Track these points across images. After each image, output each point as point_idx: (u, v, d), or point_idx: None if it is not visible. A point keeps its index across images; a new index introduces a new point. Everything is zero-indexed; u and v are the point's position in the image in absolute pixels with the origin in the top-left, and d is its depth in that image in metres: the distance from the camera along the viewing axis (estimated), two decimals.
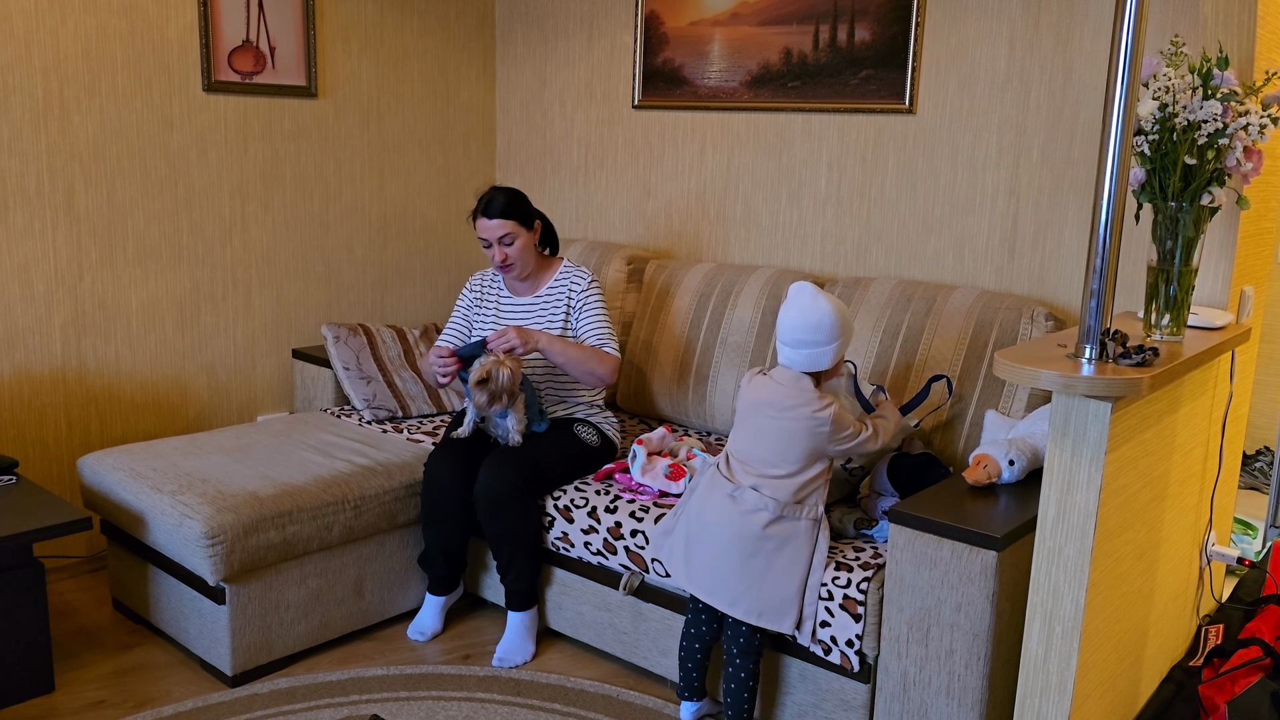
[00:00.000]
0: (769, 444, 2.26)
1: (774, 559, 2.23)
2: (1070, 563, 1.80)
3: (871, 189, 3.16)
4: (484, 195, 2.84)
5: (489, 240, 2.82)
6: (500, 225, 2.80)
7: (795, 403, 2.24)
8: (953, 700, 2.07)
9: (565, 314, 2.90)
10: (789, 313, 2.28)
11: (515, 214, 2.82)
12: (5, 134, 2.89)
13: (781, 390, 2.28)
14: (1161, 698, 2.31)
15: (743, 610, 2.23)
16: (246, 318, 3.49)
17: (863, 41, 3.09)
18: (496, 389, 2.63)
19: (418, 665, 2.68)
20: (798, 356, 2.27)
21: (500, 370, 2.62)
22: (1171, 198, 2.02)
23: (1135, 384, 1.68)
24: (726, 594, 2.25)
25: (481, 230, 2.82)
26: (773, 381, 2.31)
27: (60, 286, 3.06)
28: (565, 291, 2.91)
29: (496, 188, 2.85)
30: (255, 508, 2.52)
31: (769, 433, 2.26)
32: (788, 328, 2.27)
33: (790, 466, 2.24)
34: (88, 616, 2.90)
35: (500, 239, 2.81)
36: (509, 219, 2.81)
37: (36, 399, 3.05)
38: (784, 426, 2.25)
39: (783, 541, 2.23)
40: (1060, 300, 2.84)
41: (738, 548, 2.24)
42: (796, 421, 2.23)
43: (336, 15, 3.56)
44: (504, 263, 2.84)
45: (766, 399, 2.29)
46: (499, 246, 2.82)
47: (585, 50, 3.79)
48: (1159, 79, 1.99)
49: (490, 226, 2.80)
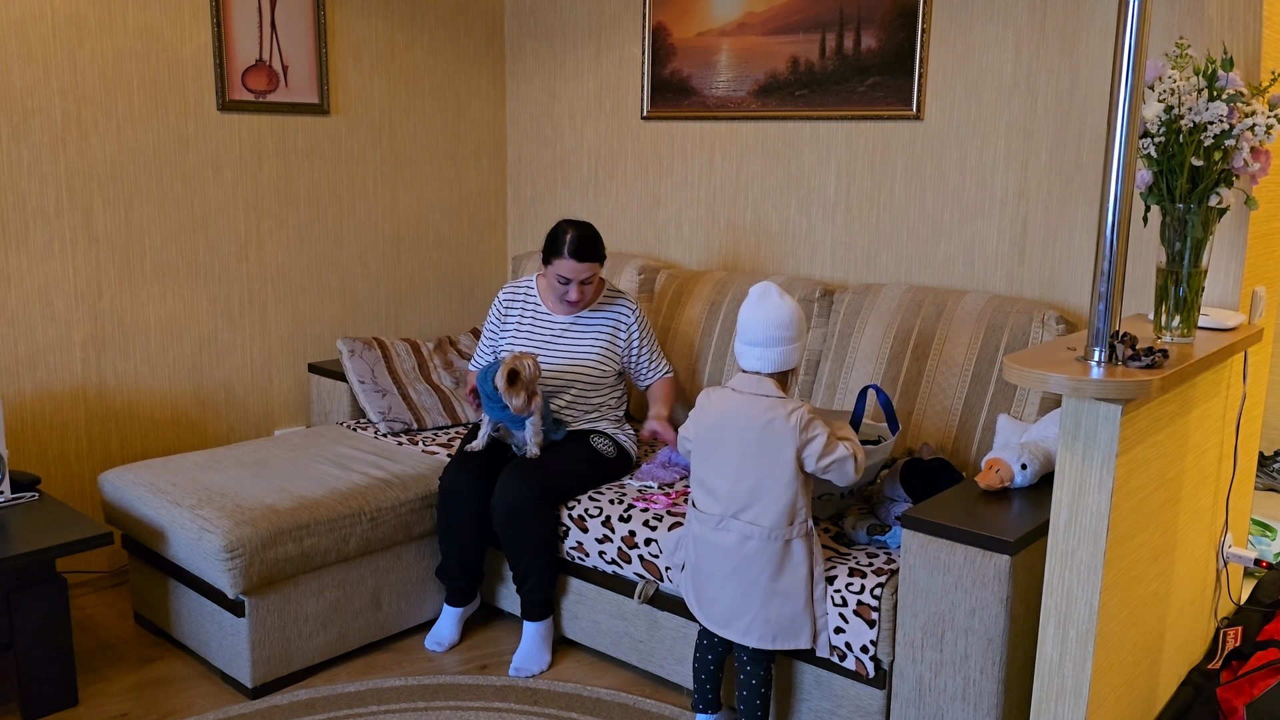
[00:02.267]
0: (750, 471, 2.18)
1: (776, 583, 2.20)
2: (1084, 566, 1.80)
3: (880, 195, 3.16)
4: (563, 232, 2.78)
5: (570, 279, 2.79)
6: (589, 268, 2.79)
7: (769, 414, 2.16)
8: (968, 705, 2.07)
9: (609, 342, 2.92)
10: (761, 311, 2.21)
11: (600, 255, 2.82)
12: (25, 156, 2.94)
13: (748, 401, 2.20)
14: (1179, 701, 2.30)
15: (756, 637, 2.23)
16: (263, 333, 3.53)
17: (869, 49, 3.10)
18: (528, 378, 2.61)
19: (436, 675, 2.70)
20: (773, 355, 2.21)
21: (524, 363, 2.63)
22: (1179, 199, 2.02)
23: (1145, 386, 1.68)
24: (738, 625, 2.24)
25: (567, 270, 2.77)
26: (736, 393, 2.23)
27: (80, 305, 3.10)
28: (614, 323, 2.94)
29: (574, 223, 2.80)
30: (273, 521, 2.54)
31: (747, 456, 2.18)
32: (762, 326, 2.20)
33: (777, 487, 2.17)
34: (110, 630, 2.93)
35: (583, 280, 2.81)
36: (596, 262, 2.81)
37: (58, 416, 3.09)
38: (762, 443, 2.16)
39: (780, 563, 2.20)
40: (1071, 304, 2.84)
41: (737, 579, 2.22)
42: (776, 435, 2.15)
43: (348, 33, 3.60)
44: (577, 300, 2.84)
45: (734, 412, 2.20)
46: (579, 286, 2.81)
47: (594, 63, 3.82)
48: (1164, 81, 1.99)
49: (579, 269, 2.77)
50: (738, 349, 2.26)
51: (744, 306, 2.25)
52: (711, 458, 2.25)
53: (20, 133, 2.92)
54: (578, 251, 2.77)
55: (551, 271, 2.82)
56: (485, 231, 4.15)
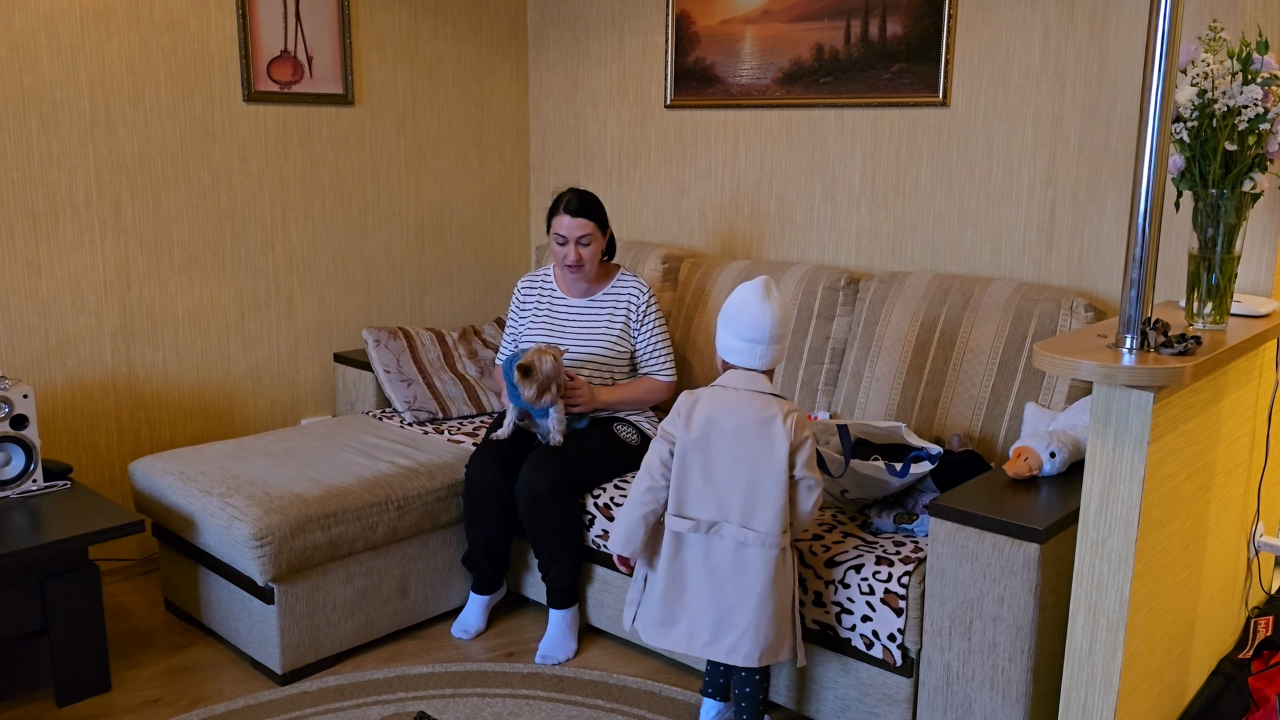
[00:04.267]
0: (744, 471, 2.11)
1: (770, 593, 2.13)
2: (1114, 555, 1.79)
3: (906, 183, 3.15)
4: (564, 194, 2.89)
5: (566, 238, 2.86)
6: (583, 225, 2.85)
7: (767, 411, 2.12)
8: (996, 694, 2.06)
9: (623, 323, 2.95)
10: (766, 307, 2.15)
11: (596, 216, 2.89)
12: (55, 148, 2.96)
13: (743, 398, 2.14)
14: (1210, 690, 2.28)
15: (743, 655, 2.14)
16: (289, 323, 3.55)
17: (895, 35, 3.08)
18: (543, 379, 2.64)
19: (462, 663, 2.71)
20: (771, 352, 2.17)
21: (542, 359, 2.64)
22: (1212, 184, 2.00)
23: (1177, 373, 1.66)
24: (726, 641, 2.15)
25: (562, 228, 2.85)
26: (729, 390, 2.16)
27: (109, 296, 3.13)
28: (625, 302, 2.96)
29: (575, 189, 2.90)
30: (301, 509, 2.56)
31: (741, 456, 2.11)
32: (760, 324, 2.14)
33: (774, 489, 2.11)
34: (141, 617, 2.97)
35: (579, 239, 2.85)
36: (591, 220, 2.87)
37: (88, 406, 3.13)
38: (759, 441, 2.11)
39: (775, 572, 2.13)
40: (1100, 291, 2.81)
41: (731, 589, 2.14)
42: (774, 433, 2.10)
43: (371, 24, 3.61)
44: (576, 262, 2.87)
45: (728, 410, 2.13)
46: (575, 246, 2.86)
47: (617, 51, 3.81)
48: (1197, 65, 1.97)
49: (573, 225, 2.84)
50: (730, 344, 2.19)
51: (743, 302, 2.17)
52: (701, 459, 2.15)
53: (50, 124, 2.95)
54: (573, 208, 2.84)
55: (552, 235, 2.89)
56: (509, 221, 4.15)
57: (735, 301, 2.20)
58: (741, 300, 2.18)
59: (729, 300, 2.22)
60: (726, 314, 2.20)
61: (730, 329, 2.19)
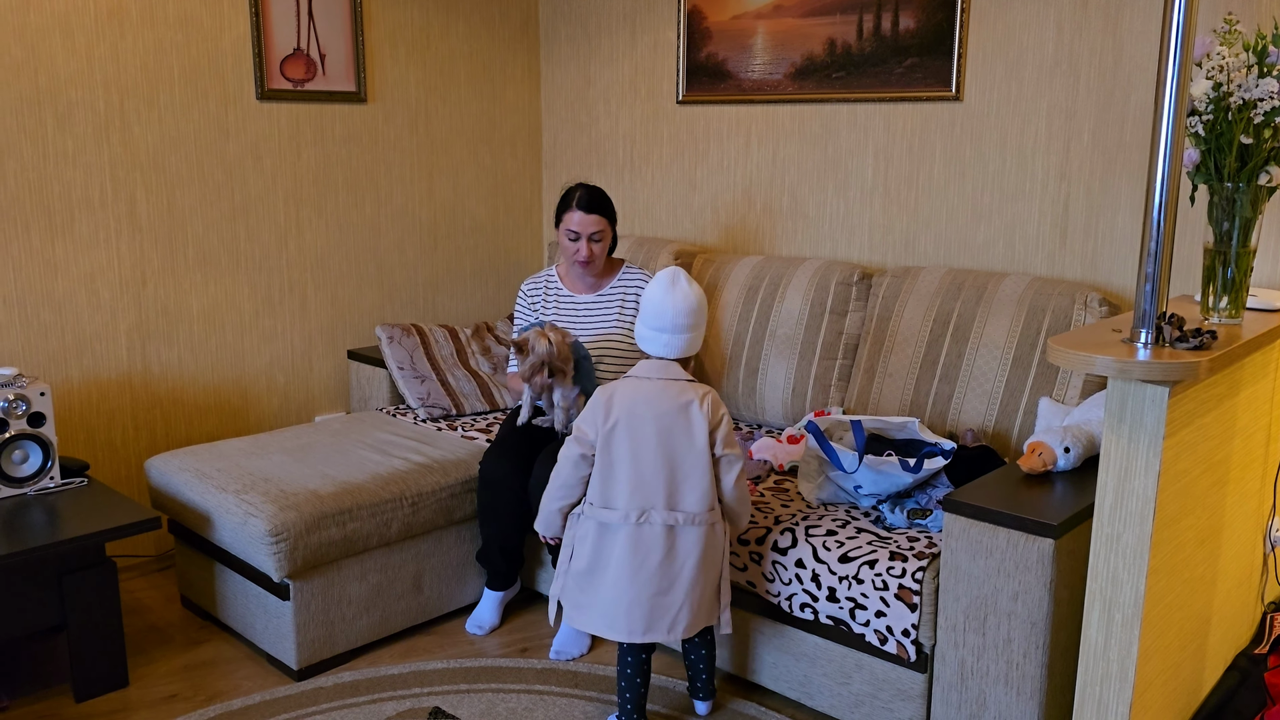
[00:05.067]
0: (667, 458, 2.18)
1: (701, 568, 2.21)
2: (1129, 550, 1.79)
3: (919, 178, 3.14)
4: (574, 189, 2.89)
5: (579, 234, 2.86)
6: (596, 221, 2.86)
7: (684, 397, 2.18)
8: (1011, 689, 2.06)
9: (633, 313, 2.96)
10: (673, 297, 2.21)
11: (608, 211, 2.90)
12: (70, 147, 2.98)
13: (659, 386, 2.20)
14: (1226, 686, 2.27)
15: (683, 629, 2.23)
16: (303, 320, 3.57)
17: (907, 30, 3.07)
18: (534, 359, 2.63)
19: (477, 658, 2.72)
20: (680, 341, 2.23)
21: (538, 340, 2.63)
22: (1227, 178, 1.98)
23: (1193, 368, 1.66)
24: (663, 624, 2.21)
25: (575, 223, 2.86)
26: (644, 380, 2.22)
27: (125, 294, 3.15)
28: (634, 293, 2.98)
29: (584, 184, 2.90)
30: (316, 505, 2.58)
31: (664, 443, 2.18)
32: (675, 312, 2.21)
33: (698, 470, 2.19)
34: (158, 613, 2.99)
35: (591, 235, 2.86)
36: (604, 216, 2.88)
37: (105, 403, 3.15)
38: (680, 428, 2.17)
39: (705, 547, 2.21)
40: (1114, 285, 2.80)
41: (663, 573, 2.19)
42: (693, 417, 2.18)
43: (384, 21, 3.62)
44: (588, 258, 2.88)
45: (646, 400, 2.19)
46: (587, 242, 2.87)
47: (629, 47, 3.81)
48: (1212, 58, 1.96)
49: (587, 221, 2.85)
50: (644, 334, 2.26)
51: (651, 292, 2.25)
52: (623, 450, 2.20)
53: (65, 123, 2.97)
54: (585, 204, 2.85)
55: (562, 230, 2.89)
56: (521, 218, 4.16)
57: (646, 293, 2.27)
58: (650, 292, 2.26)
59: (644, 291, 2.29)
60: (640, 305, 2.28)
61: (642, 319, 2.27)
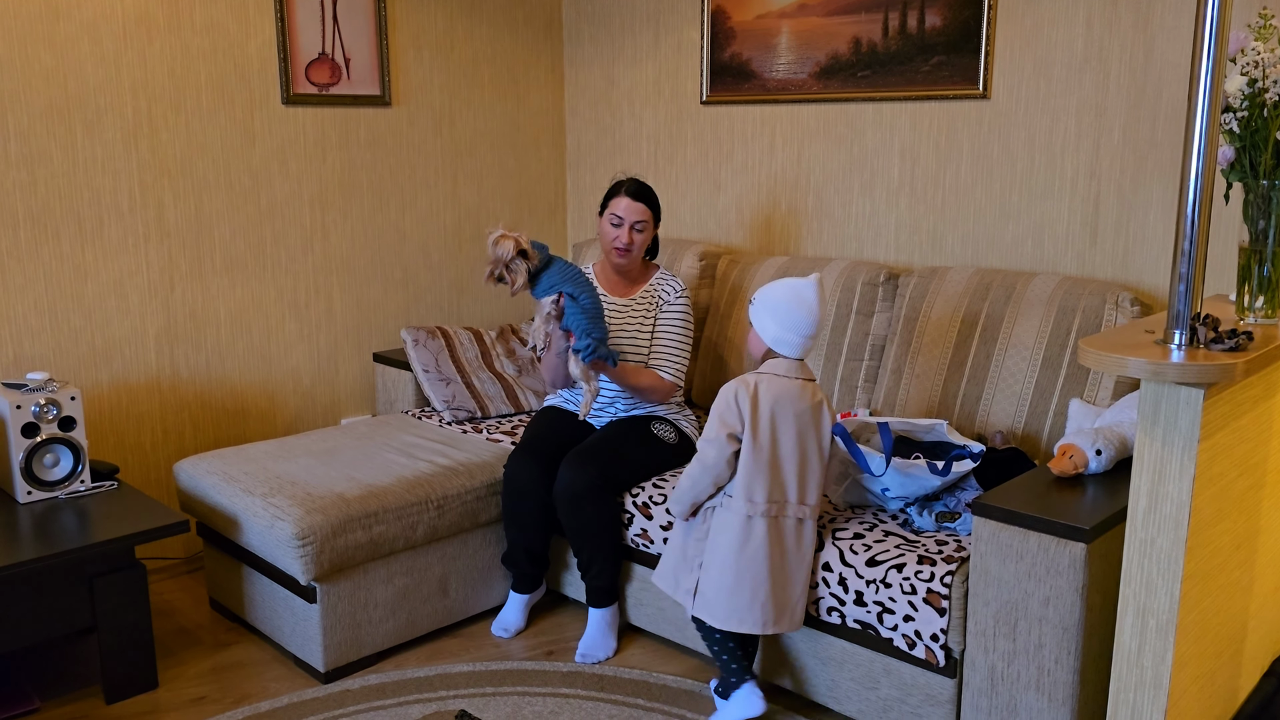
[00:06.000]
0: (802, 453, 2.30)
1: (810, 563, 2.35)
2: (1164, 555, 1.76)
3: (946, 177, 3.11)
4: (623, 179, 2.92)
5: (623, 220, 2.87)
6: (641, 210, 2.88)
7: (818, 395, 2.33)
8: (1043, 695, 2.03)
9: (656, 318, 2.93)
10: (818, 307, 2.30)
11: (654, 205, 2.92)
12: (99, 153, 3.01)
13: (798, 385, 2.31)
14: (1263, 692, 2.23)
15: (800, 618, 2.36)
16: (329, 323, 3.59)
17: (934, 27, 3.04)
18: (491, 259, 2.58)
19: (502, 661, 2.72)
20: (813, 345, 2.36)
21: (500, 244, 2.57)
22: (1263, 176, 1.95)
23: (1229, 369, 1.63)
24: (790, 618, 2.34)
25: (620, 209, 2.87)
26: (786, 379, 2.31)
27: (153, 298, 3.18)
28: (657, 298, 2.95)
29: (636, 177, 2.94)
30: (343, 509, 2.59)
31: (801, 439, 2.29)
32: (816, 321, 2.30)
33: (821, 465, 2.33)
34: (187, 616, 3.01)
35: (634, 224, 2.87)
36: (650, 207, 2.90)
37: (134, 407, 3.18)
38: (816, 424, 2.31)
39: (814, 542, 2.35)
40: (1146, 285, 2.76)
41: (793, 568, 2.32)
42: (824, 414, 2.32)
43: (408, 24, 3.63)
44: (627, 245, 2.88)
45: (788, 397, 2.29)
46: (629, 230, 2.87)
47: (652, 48, 3.80)
48: (1247, 54, 1.92)
49: (631, 208, 2.87)
50: (784, 337, 2.31)
51: (800, 298, 2.30)
52: (767, 444, 2.28)
53: (94, 130, 2.99)
54: (634, 192, 2.87)
55: (606, 215, 2.90)
56: (545, 220, 4.16)
57: (790, 297, 2.31)
58: (799, 297, 2.31)
59: (780, 294, 2.33)
60: (779, 307, 2.31)
61: (784, 323, 2.31)
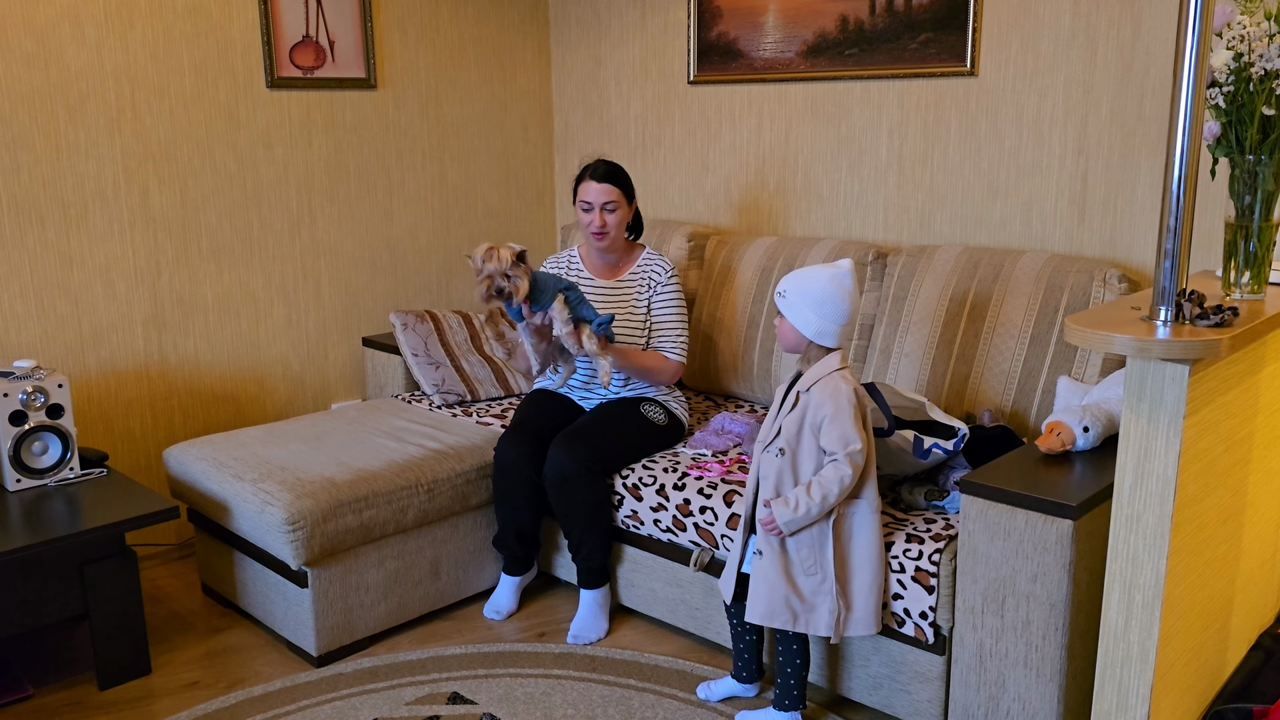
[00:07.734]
0: None
1: None
2: (1149, 530, 1.76)
3: (934, 155, 3.10)
4: (590, 162, 2.91)
5: (592, 204, 2.86)
6: (608, 190, 2.86)
7: None
8: (1030, 671, 2.05)
9: (647, 300, 2.92)
10: (857, 295, 2.22)
11: (622, 184, 2.90)
12: (82, 139, 2.99)
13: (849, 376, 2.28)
14: (1249, 665, 2.25)
15: None
16: (317, 308, 3.57)
17: (921, 4, 3.03)
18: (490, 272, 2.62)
19: (495, 643, 2.73)
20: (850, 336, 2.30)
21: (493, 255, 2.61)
22: (1249, 151, 1.95)
23: (1214, 345, 1.63)
24: None
25: (588, 193, 2.87)
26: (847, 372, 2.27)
27: (140, 284, 3.16)
28: (647, 279, 2.94)
29: (602, 159, 2.92)
30: (333, 493, 2.58)
31: None
32: (855, 310, 2.21)
33: None
34: (179, 601, 3.01)
35: (604, 205, 2.86)
36: (617, 186, 2.88)
37: (123, 394, 3.17)
38: None
39: None
40: (1134, 261, 2.76)
41: None
42: None
43: (393, 6, 3.60)
44: (601, 229, 2.88)
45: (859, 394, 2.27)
46: (600, 212, 2.86)
47: (639, 28, 3.78)
48: (1233, 28, 1.92)
49: (599, 190, 2.85)
50: (827, 329, 2.18)
51: (847, 286, 2.18)
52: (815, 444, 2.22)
53: (77, 115, 2.97)
54: (599, 174, 2.86)
55: (578, 203, 2.90)
56: (533, 202, 4.14)
57: (833, 289, 2.16)
58: (841, 287, 2.17)
59: (820, 285, 2.17)
60: (824, 300, 2.16)
61: (828, 315, 2.17)
